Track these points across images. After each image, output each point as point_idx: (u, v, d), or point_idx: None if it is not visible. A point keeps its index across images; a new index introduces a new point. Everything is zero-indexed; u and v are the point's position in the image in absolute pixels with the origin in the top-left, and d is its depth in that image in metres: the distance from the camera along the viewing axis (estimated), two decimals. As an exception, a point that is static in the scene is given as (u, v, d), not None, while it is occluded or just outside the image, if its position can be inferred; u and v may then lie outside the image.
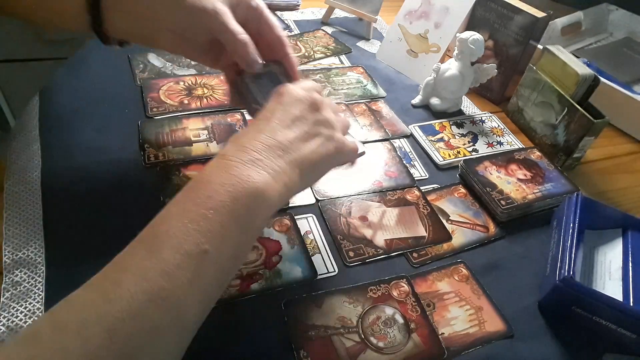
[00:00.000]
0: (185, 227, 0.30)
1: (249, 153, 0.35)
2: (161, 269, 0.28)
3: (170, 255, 0.28)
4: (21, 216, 0.44)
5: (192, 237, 0.29)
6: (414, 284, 0.44)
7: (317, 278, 0.44)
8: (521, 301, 0.45)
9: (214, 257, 0.30)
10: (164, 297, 0.27)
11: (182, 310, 0.29)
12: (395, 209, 0.52)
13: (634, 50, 0.88)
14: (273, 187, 0.34)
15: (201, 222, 0.30)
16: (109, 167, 0.51)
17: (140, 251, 0.29)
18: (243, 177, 0.33)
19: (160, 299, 0.27)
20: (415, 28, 0.76)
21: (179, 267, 0.28)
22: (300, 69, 0.73)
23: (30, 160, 0.50)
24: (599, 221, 0.50)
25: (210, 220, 0.30)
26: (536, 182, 0.56)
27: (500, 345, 0.41)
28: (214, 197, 0.31)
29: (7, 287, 0.39)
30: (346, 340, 0.39)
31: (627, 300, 0.43)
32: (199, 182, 0.33)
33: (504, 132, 0.67)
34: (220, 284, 0.32)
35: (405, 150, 0.61)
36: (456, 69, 0.66)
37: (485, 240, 0.50)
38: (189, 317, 0.29)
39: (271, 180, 0.34)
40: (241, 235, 0.33)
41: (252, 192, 0.32)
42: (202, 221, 0.30)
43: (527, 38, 0.68)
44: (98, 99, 0.60)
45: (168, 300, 0.28)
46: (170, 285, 0.28)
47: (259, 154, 0.35)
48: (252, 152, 0.35)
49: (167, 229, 0.30)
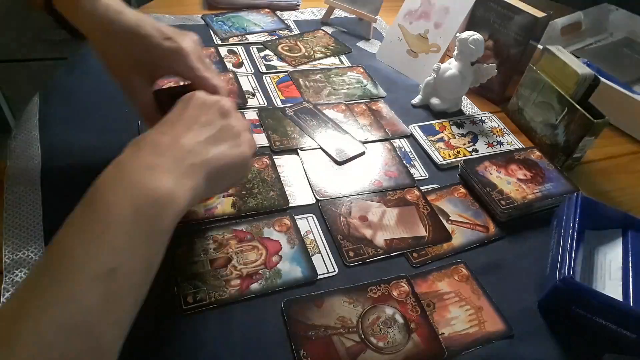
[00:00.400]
0: (86, 247, 0.28)
1: (148, 157, 0.33)
2: (67, 297, 0.26)
3: (75, 280, 0.26)
4: (21, 216, 0.44)
5: (96, 257, 0.27)
6: (414, 284, 0.44)
7: (317, 278, 0.44)
8: (521, 301, 0.45)
9: (123, 275, 0.28)
10: (74, 325, 0.25)
11: (96, 335, 0.26)
12: (395, 209, 0.52)
13: (634, 50, 0.88)
14: (177, 192, 0.32)
15: (103, 239, 0.28)
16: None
17: (40, 279, 0.27)
18: (143, 185, 0.31)
19: (70, 329, 0.25)
20: (415, 28, 0.76)
21: (86, 292, 0.26)
22: (301, 68, 0.73)
23: (30, 160, 0.50)
24: (599, 221, 0.50)
25: (112, 235, 0.28)
26: (536, 182, 0.56)
27: (500, 345, 0.41)
28: (112, 210, 0.29)
29: (7, 287, 0.39)
30: (346, 340, 0.39)
31: (627, 300, 0.43)
32: (95, 195, 0.30)
33: (504, 132, 0.67)
34: (136, 299, 0.30)
35: (405, 150, 0.61)
36: (456, 69, 0.66)
37: (485, 240, 0.50)
38: (106, 340, 0.27)
39: (174, 185, 0.32)
40: (149, 246, 0.31)
41: (154, 200, 0.30)
42: (104, 239, 0.28)
43: (527, 38, 0.68)
44: (98, 99, 0.60)
45: (79, 328, 0.26)
46: (79, 312, 0.26)
47: (159, 158, 0.33)
48: (152, 156, 0.33)
49: (66, 251, 0.27)
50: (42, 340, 0.24)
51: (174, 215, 0.32)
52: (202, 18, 0.84)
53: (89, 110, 0.58)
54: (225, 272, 0.43)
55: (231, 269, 0.43)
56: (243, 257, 0.44)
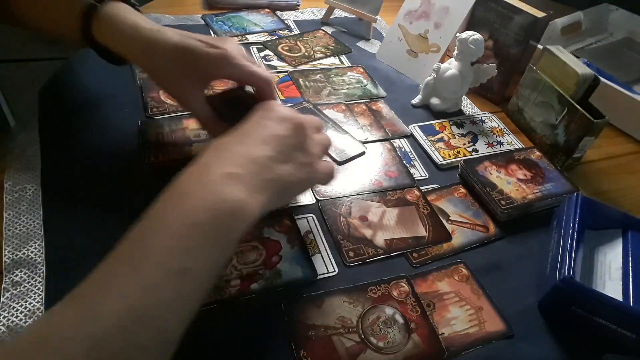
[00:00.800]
0: (166, 243, 0.29)
1: (228, 167, 0.34)
2: (143, 287, 0.28)
3: (152, 273, 0.28)
4: (21, 216, 0.44)
5: (174, 254, 0.29)
6: (414, 284, 0.44)
7: (317, 278, 0.44)
8: (521, 301, 0.45)
9: (194, 275, 0.30)
10: (145, 315, 0.27)
11: (163, 328, 0.28)
12: (395, 209, 0.52)
13: (634, 50, 0.88)
14: (250, 205, 0.33)
15: (182, 240, 0.30)
16: (109, 167, 0.51)
17: (121, 267, 0.29)
18: (223, 194, 0.32)
19: (142, 317, 0.27)
20: (415, 28, 0.76)
21: (161, 285, 0.28)
22: (301, 68, 0.73)
23: (30, 160, 0.50)
24: (599, 221, 0.50)
25: (191, 238, 0.30)
26: (536, 182, 0.56)
27: (500, 345, 0.41)
28: (194, 213, 0.31)
29: (7, 287, 0.39)
30: (346, 340, 0.39)
31: (627, 300, 0.43)
32: (179, 195, 0.32)
33: (504, 132, 0.67)
34: (199, 300, 0.31)
35: (405, 150, 0.61)
36: (456, 69, 0.66)
37: (485, 240, 0.50)
38: (169, 334, 0.29)
39: (249, 198, 0.33)
40: (220, 253, 0.32)
41: (232, 210, 0.32)
42: (183, 239, 0.30)
43: (527, 38, 0.68)
44: (98, 99, 0.60)
45: (150, 318, 0.27)
46: (152, 304, 0.27)
47: (239, 169, 0.34)
48: (233, 165, 0.34)
49: (148, 244, 0.29)
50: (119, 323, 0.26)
51: (244, 227, 0.33)
52: (202, 18, 0.84)
53: (89, 110, 0.58)
54: (225, 272, 0.43)
55: (231, 269, 0.43)
56: (243, 257, 0.44)
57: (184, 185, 0.33)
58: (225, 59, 0.45)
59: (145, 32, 0.45)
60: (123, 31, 0.46)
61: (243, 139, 0.37)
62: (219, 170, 0.34)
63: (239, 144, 0.37)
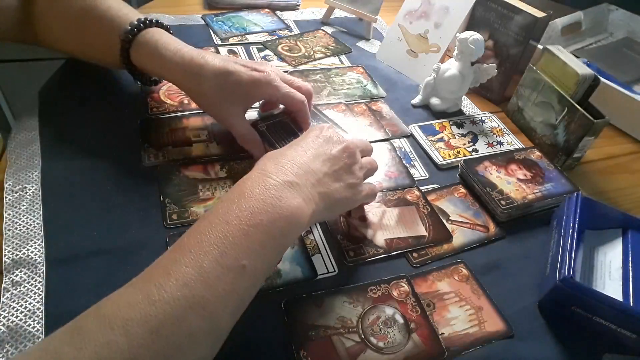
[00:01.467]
0: (227, 240, 0.32)
1: (288, 175, 0.37)
2: (203, 279, 0.30)
3: (211, 266, 0.30)
4: (21, 216, 0.44)
5: (233, 251, 0.31)
6: (414, 284, 0.44)
7: (317, 278, 0.44)
8: (521, 301, 0.45)
9: (249, 273, 0.32)
10: (203, 305, 0.29)
11: (217, 319, 0.30)
12: (395, 209, 0.52)
13: (634, 50, 0.88)
14: (305, 212, 0.36)
15: (242, 238, 0.32)
16: (109, 167, 0.51)
17: (183, 257, 0.30)
18: (282, 199, 0.35)
19: (199, 307, 0.29)
20: (415, 28, 0.76)
21: (219, 279, 0.30)
22: (301, 68, 0.73)
23: (30, 160, 0.50)
24: (599, 221, 0.50)
25: (250, 237, 0.32)
26: (536, 182, 0.56)
27: (500, 345, 0.41)
28: (255, 214, 0.33)
29: (7, 287, 0.39)
30: (346, 340, 0.39)
31: (627, 300, 0.43)
32: (242, 196, 0.34)
33: (504, 132, 0.67)
34: (251, 296, 0.34)
35: (405, 150, 0.61)
36: (456, 69, 0.66)
37: (485, 240, 0.50)
38: (222, 326, 0.31)
39: (304, 206, 0.36)
40: (274, 254, 0.35)
41: (288, 215, 0.35)
42: (242, 237, 0.32)
43: (527, 38, 0.68)
44: (98, 99, 0.60)
45: (207, 309, 0.29)
46: (209, 295, 0.29)
47: (297, 178, 0.37)
48: (292, 175, 0.37)
49: (210, 239, 0.31)
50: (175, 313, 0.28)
51: (297, 233, 0.37)
52: (202, 18, 0.84)
53: (89, 110, 0.58)
54: None
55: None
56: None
57: (246, 188, 0.35)
58: (267, 81, 0.50)
59: (189, 58, 0.49)
60: (165, 56, 0.49)
61: (302, 153, 0.40)
62: (279, 177, 0.36)
63: (297, 157, 0.39)
